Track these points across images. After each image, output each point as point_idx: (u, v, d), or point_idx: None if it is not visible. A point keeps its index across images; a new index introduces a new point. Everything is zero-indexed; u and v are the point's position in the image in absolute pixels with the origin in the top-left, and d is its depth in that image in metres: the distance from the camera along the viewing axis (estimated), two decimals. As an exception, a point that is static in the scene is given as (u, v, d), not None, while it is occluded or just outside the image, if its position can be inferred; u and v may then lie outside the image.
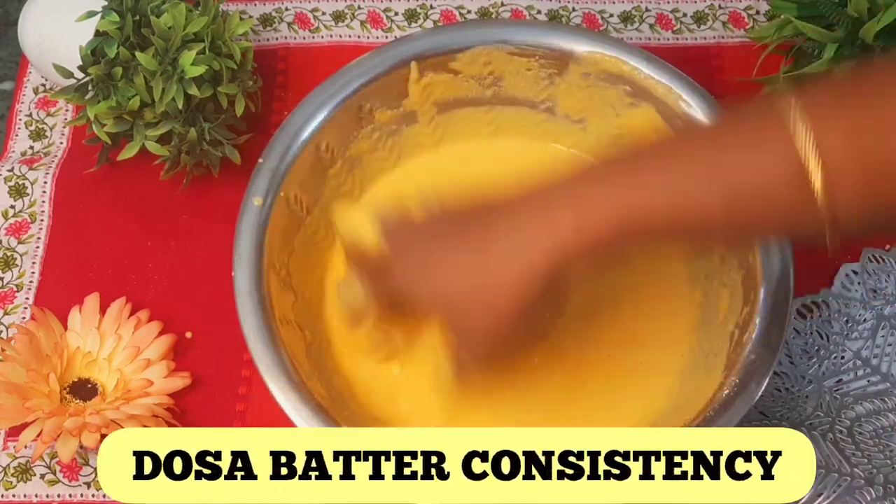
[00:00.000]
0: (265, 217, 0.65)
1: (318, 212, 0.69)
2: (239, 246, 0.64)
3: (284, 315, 0.64)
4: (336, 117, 0.69)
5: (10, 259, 0.74)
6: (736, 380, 0.61)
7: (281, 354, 0.61)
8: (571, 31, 0.73)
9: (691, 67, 0.71)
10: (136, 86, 0.68)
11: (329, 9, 0.84)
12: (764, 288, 0.62)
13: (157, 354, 0.69)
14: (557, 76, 0.71)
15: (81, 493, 0.67)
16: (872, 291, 0.71)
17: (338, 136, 0.69)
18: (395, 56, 0.70)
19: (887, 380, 0.68)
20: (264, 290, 0.63)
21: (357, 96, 0.69)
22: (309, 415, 0.59)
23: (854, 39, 0.68)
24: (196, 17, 0.70)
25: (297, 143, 0.67)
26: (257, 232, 0.64)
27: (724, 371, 0.62)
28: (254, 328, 0.62)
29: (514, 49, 0.71)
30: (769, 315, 0.62)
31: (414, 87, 0.71)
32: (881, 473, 0.64)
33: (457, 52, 0.71)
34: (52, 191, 0.76)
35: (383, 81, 0.70)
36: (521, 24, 0.79)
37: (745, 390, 0.60)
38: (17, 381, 0.66)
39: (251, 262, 0.63)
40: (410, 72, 0.70)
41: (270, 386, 0.60)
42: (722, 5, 0.84)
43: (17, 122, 0.80)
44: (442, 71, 0.71)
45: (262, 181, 0.66)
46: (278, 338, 0.62)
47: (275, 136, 0.67)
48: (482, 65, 0.71)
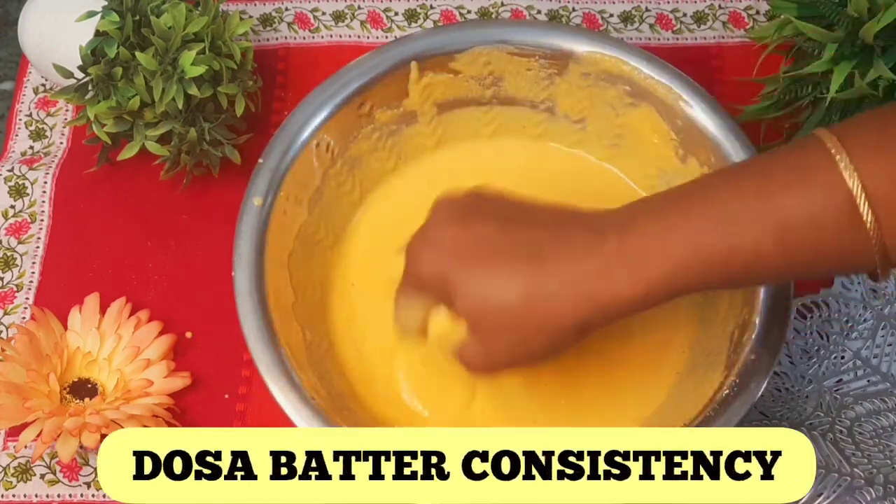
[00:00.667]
0: (265, 217, 0.65)
1: (319, 212, 0.69)
2: (239, 246, 0.64)
3: (285, 315, 0.64)
4: (336, 117, 0.69)
5: (10, 259, 0.74)
6: (736, 380, 0.60)
7: (281, 354, 0.61)
8: (571, 31, 0.73)
9: (691, 67, 0.71)
10: (136, 86, 0.68)
11: (329, 9, 0.84)
12: (764, 288, 0.62)
13: (157, 354, 0.69)
14: (557, 76, 0.71)
15: (81, 493, 0.67)
16: (872, 291, 0.71)
17: (338, 136, 0.69)
18: (396, 56, 0.70)
19: (887, 380, 0.68)
20: (264, 290, 0.63)
21: (357, 96, 0.69)
22: (309, 415, 0.59)
23: (854, 39, 0.68)
24: (196, 17, 0.70)
25: (297, 143, 0.67)
26: (257, 232, 0.64)
27: (724, 371, 0.62)
28: (254, 328, 0.62)
29: (514, 49, 0.71)
30: (769, 315, 0.62)
31: (414, 87, 0.71)
32: (881, 473, 0.64)
33: (457, 53, 0.71)
34: (52, 191, 0.76)
35: (383, 81, 0.70)
36: (521, 24, 0.79)
37: (745, 390, 0.60)
38: (17, 381, 0.66)
39: (251, 262, 0.63)
40: (410, 72, 0.70)
41: (270, 386, 0.60)
42: (722, 5, 0.84)
43: (17, 122, 0.80)
44: (442, 71, 0.71)
45: (262, 181, 0.66)
46: (278, 338, 0.62)
47: (275, 135, 0.67)
48: (482, 65, 0.71)
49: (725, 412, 0.59)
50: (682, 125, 0.69)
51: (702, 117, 0.68)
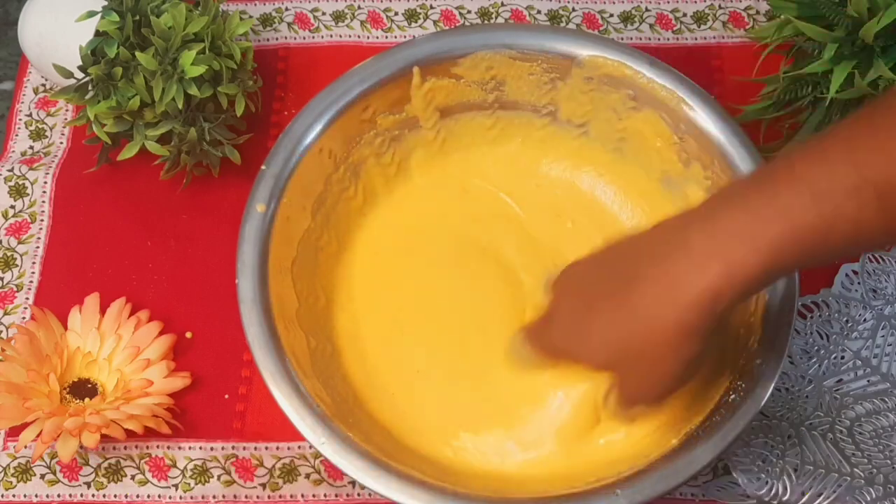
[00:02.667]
0: (268, 223, 0.65)
1: (322, 218, 0.69)
2: (242, 252, 0.64)
3: (289, 322, 0.64)
4: (338, 123, 0.68)
5: (10, 259, 0.74)
6: (742, 384, 0.60)
7: (285, 362, 0.61)
8: (574, 35, 0.73)
9: (691, 67, 0.71)
10: (136, 86, 0.68)
11: (329, 9, 0.84)
12: (769, 292, 0.62)
13: (157, 354, 0.69)
14: (560, 80, 0.71)
15: (81, 493, 0.67)
16: (872, 291, 0.71)
17: (340, 141, 0.69)
18: (398, 61, 0.70)
19: (887, 380, 0.68)
20: (268, 298, 0.63)
21: (360, 101, 0.69)
22: (313, 422, 0.59)
23: (854, 39, 0.68)
24: (196, 17, 0.70)
25: (299, 149, 0.67)
26: (261, 239, 0.64)
27: (731, 376, 0.62)
28: (258, 336, 0.61)
29: (517, 54, 0.70)
30: (775, 319, 0.62)
31: (416, 93, 0.71)
32: (881, 473, 0.65)
33: (459, 58, 0.70)
34: (52, 191, 0.76)
35: (386, 87, 0.70)
36: (523, 28, 0.79)
37: (751, 395, 0.60)
38: (17, 381, 0.66)
39: (254, 268, 0.63)
40: (413, 77, 0.70)
41: (275, 393, 0.60)
42: (722, 5, 0.84)
43: (17, 122, 0.80)
44: (444, 76, 0.71)
45: (265, 187, 0.66)
46: (283, 345, 0.62)
47: (278, 141, 0.67)
48: (484, 69, 0.71)
49: (732, 417, 0.59)
50: (685, 129, 0.68)
51: (705, 121, 0.67)
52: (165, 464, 0.68)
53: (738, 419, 0.59)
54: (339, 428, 0.59)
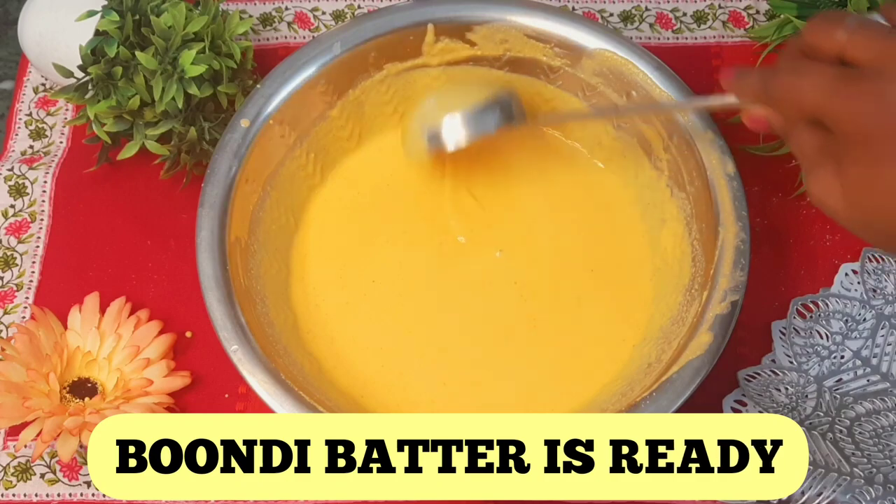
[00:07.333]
0: (250, 140, 0.67)
1: (308, 145, 0.70)
2: (216, 161, 0.66)
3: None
4: (345, 60, 0.69)
5: (10, 259, 0.74)
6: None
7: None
8: (589, 26, 0.72)
9: (691, 67, 0.71)
10: (136, 85, 0.68)
11: (329, 8, 0.84)
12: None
13: (156, 354, 0.69)
14: (569, 68, 0.71)
15: (81, 493, 0.67)
16: (872, 291, 0.71)
17: (343, 76, 0.70)
18: (413, 16, 0.70)
19: (887, 379, 0.68)
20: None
21: (368, 45, 0.70)
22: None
23: (854, 39, 0.68)
24: (196, 16, 0.70)
25: (301, 75, 0.69)
26: (238, 152, 0.66)
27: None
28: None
29: (532, 32, 0.71)
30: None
31: (428, 49, 0.71)
32: (881, 473, 0.65)
33: (475, 24, 0.71)
34: (52, 190, 0.76)
35: (397, 37, 0.70)
36: (539, 9, 0.75)
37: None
38: (17, 380, 0.66)
39: (226, 178, 0.66)
40: (427, 34, 0.70)
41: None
42: (722, 5, 0.84)
43: (17, 122, 0.80)
44: (458, 39, 0.71)
45: (253, 105, 0.67)
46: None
47: (282, 62, 0.69)
48: (498, 42, 0.71)
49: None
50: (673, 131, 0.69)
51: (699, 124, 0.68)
52: (165, 463, 0.68)
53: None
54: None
